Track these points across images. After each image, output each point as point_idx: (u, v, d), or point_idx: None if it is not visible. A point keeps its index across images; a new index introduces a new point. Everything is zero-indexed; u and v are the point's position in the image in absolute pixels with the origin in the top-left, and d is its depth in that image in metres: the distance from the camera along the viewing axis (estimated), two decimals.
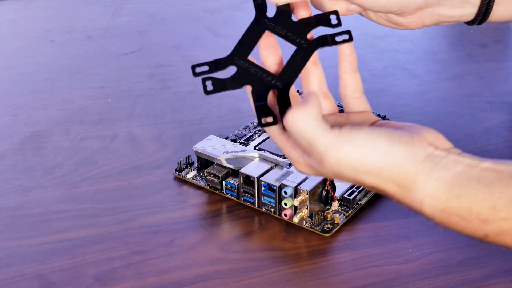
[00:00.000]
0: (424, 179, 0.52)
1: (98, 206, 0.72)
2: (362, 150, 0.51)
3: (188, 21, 1.14)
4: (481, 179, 0.51)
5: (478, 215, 0.50)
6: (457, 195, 0.51)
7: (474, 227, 0.51)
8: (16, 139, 0.83)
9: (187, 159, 0.77)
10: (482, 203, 0.50)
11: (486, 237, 0.52)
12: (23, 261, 0.65)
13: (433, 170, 0.52)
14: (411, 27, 0.64)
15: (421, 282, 0.62)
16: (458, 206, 0.51)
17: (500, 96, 0.92)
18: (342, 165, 0.52)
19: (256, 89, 0.56)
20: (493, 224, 0.50)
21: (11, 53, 1.05)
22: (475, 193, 0.50)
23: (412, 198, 0.52)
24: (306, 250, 0.66)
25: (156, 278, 0.63)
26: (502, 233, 0.50)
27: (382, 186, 0.53)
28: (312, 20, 0.58)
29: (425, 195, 0.52)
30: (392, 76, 0.97)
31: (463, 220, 0.51)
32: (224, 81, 0.56)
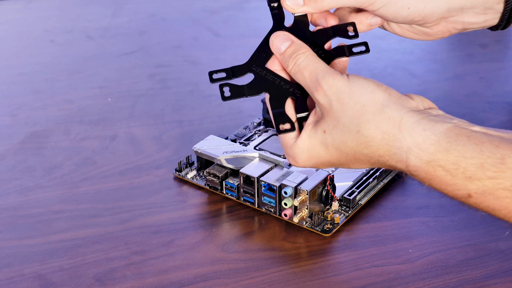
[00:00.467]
0: (410, 127, 0.52)
1: (98, 206, 0.72)
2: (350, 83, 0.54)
3: (188, 21, 1.14)
4: (471, 137, 0.51)
5: (465, 171, 0.50)
6: (446, 148, 0.51)
7: (458, 183, 0.51)
8: (16, 139, 0.83)
9: (187, 159, 0.77)
10: (470, 160, 0.50)
11: (469, 197, 0.51)
12: (23, 261, 0.65)
13: (421, 121, 0.52)
14: (438, 36, 0.64)
15: (421, 282, 0.62)
16: (445, 159, 0.51)
17: (500, 96, 0.92)
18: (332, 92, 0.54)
19: (273, 96, 0.57)
20: (478, 182, 0.50)
21: (11, 53, 1.05)
22: (464, 149, 0.51)
23: (398, 147, 0.52)
24: (306, 250, 0.66)
25: (156, 278, 0.63)
26: (486, 193, 0.50)
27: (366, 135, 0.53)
28: (329, 31, 0.59)
29: (412, 144, 0.52)
30: (392, 76, 0.97)
31: (448, 174, 0.51)
32: (241, 88, 0.58)
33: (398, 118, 0.53)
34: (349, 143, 0.54)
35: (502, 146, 0.50)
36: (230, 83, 0.58)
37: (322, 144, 0.55)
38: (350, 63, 0.62)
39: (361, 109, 0.53)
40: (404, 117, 0.53)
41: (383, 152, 0.53)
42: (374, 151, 0.53)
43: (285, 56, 0.57)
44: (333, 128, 0.54)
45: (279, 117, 0.57)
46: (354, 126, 0.53)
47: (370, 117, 0.53)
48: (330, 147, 0.55)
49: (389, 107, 0.53)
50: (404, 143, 0.52)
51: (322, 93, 0.54)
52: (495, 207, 0.51)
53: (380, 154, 0.53)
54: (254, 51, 0.59)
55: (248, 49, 1.10)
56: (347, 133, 0.54)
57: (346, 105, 0.54)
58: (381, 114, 0.53)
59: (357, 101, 0.54)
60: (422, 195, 0.73)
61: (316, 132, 0.55)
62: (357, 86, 0.54)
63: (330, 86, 0.54)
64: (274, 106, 0.57)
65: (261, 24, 1.15)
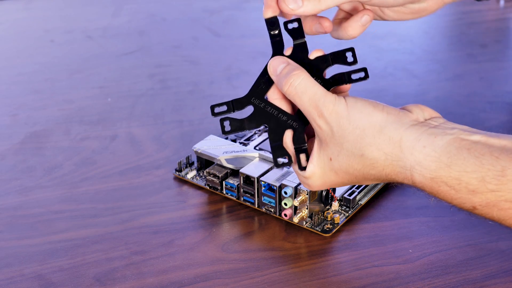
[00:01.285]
0: (411, 146, 0.53)
1: (98, 206, 0.72)
2: (349, 108, 0.55)
3: (188, 21, 1.14)
4: (472, 150, 0.51)
5: (467, 185, 0.51)
6: (447, 164, 0.51)
7: (462, 197, 0.52)
8: (16, 139, 0.83)
9: (187, 159, 0.77)
10: (471, 174, 0.51)
11: (474, 209, 0.52)
12: (23, 261, 0.65)
13: (420, 138, 0.53)
14: (434, 9, 0.64)
15: (421, 282, 0.62)
16: (447, 175, 0.51)
17: (501, 96, 0.92)
18: (333, 118, 0.55)
19: (272, 128, 0.58)
20: (481, 195, 0.51)
21: (11, 53, 1.05)
22: (465, 163, 0.51)
23: (401, 166, 0.53)
24: (306, 250, 0.66)
25: (156, 278, 0.63)
26: (490, 205, 0.51)
27: (370, 158, 0.54)
28: (328, 58, 0.59)
29: (414, 163, 0.52)
30: (392, 76, 0.97)
31: (452, 189, 0.52)
32: (241, 121, 0.59)
33: (397, 138, 0.53)
34: (355, 166, 0.55)
35: (502, 158, 0.50)
36: (230, 117, 0.59)
37: (332, 171, 0.57)
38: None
39: (361, 133, 0.54)
40: (403, 136, 0.53)
41: (389, 171, 0.54)
42: (380, 171, 0.55)
43: (280, 77, 0.58)
44: (338, 154, 0.55)
45: (277, 151, 0.58)
46: (357, 150, 0.54)
47: (371, 140, 0.54)
48: (339, 172, 0.57)
49: (387, 128, 0.54)
50: (407, 162, 0.53)
51: (324, 120, 0.55)
52: (500, 217, 0.51)
53: (387, 173, 0.55)
54: (254, 82, 0.60)
55: (248, 49, 1.11)
56: (352, 157, 0.55)
57: (347, 131, 0.55)
58: (381, 135, 0.54)
59: (356, 126, 0.54)
60: (422, 195, 0.72)
61: (324, 161, 0.57)
62: (355, 110, 0.55)
63: (330, 113, 0.55)
64: (273, 139, 0.58)
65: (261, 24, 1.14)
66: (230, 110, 0.60)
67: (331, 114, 0.55)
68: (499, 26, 1.13)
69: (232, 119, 0.59)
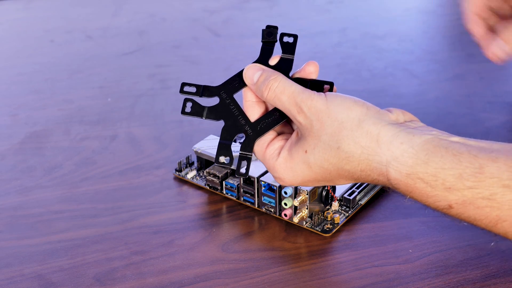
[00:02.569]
0: (388, 141, 0.53)
1: (98, 206, 0.72)
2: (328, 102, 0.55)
3: (188, 21, 1.14)
4: (450, 149, 0.51)
5: (444, 182, 0.51)
6: (424, 161, 0.51)
7: (438, 194, 0.51)
8: (16, 139, 0.83)
9: (187, 159, 0.77)
10: (449, 171, 0.50)
11: (450, 208, 0.51)
12: (23, 261, 0.65)
13: (399, 135, 0.53)
14: None
15: (421, 282, 0.62)
16: (424, 171, 0.51)
17: (501, 96, 0.92)
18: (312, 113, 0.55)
19: (227, 126, 0.59)
20: (458, 192, 0.50)
21: (11, 53, 1.05)
22: (442, 160, 0.51)
23: (377, 161, 0.53)
24: (306, 250, 0.66)
25: (156, 278, 0.63)
26: (466, 202, 0.50)
27: (346, 151, 0.54)
28: (307, 82, 0.59)
29: (391, 158, 0.52)
30: (392, 76, 0.97)
31: (428, 186, 0.51)
32: (202, 108, 0.59)
33: (375, 132, 0.53)
34: (331, 160, 0.55)
35: (480, 156, 0.50)
36: (194, 100, 0.60)
37: (305, 163, 0.56)
38: (351, 63, 0.62)
39: (339, 125, 0.54)
40: (381, 131, 0.53)
41: (364, 167, 0.54)
42: (355, 166, 0.54)
43: (258, 85, 0.58)
44: (314, 147, 0.55)
45: (223, 149, 0.59)
46: (334, 143, 0.54)
47: (348, 133, 0.54)
48: (313, 166, 0.56)
49: (366, 122, 0.54)
50: (383, 157, 0.53)
51: (303, 115, 0.55)
52: (476, 217, 0.51)
53: (361, 169, 0.54)
54: (230, 77, 0.60)
55: (248, 49, 1.11)
56: (328, 150, 0.55)
57: (325, 124, 0.54)
58: (359, 129, 0.54)
59: (335, 119, 0.54)
60: None
61: (298, 152, 0.56)
62: (334, 104, 0.55)
63: (309, 107, 0.55)
64: (223, 136, 0.59)
65: (261, 24, 1.15)
66: (197, 94, 0.60)
67: (310, 109, 0.55)
68: None
69: (195, 103, 0.60)
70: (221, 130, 0.59)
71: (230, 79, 0.60)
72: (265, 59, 0.60)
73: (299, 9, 1.20)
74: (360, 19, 1.15)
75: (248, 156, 0.58)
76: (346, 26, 1.12)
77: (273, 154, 0.58)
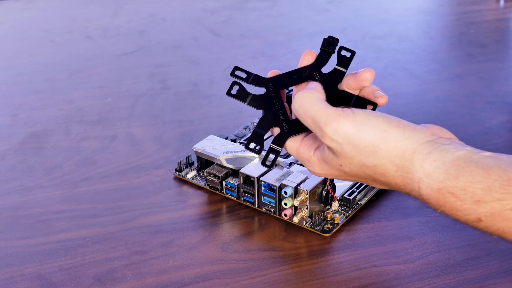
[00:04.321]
0: (422, 159, 0.53)
1: (98, 206, 0.72)
2: (358, 125, 0.54)
3: (188, 21, 1.14)
4: (480, 164, 0.52)
5: (473, 195, 0.51)
6: (454, 176, 0.52)
7: (468, 208, 0.52)
8: (16, 139, 0.83)
9: (187, 159, 0.77)
10: (478, 184, 0.51)
11: (479, 221, 0.52)
12: (23, 261, 0.65)
13: (432, 152, 0.53)
14: None
15: (421, 282, 0.62)
16: (454, 186, 0.52)
17: (500, 96, 0.92)
18: (340, 137, 0.54)
19: (265, 118, 0.59)
20: (486, 205, 0.51)
21: (11, 53, 1.05)
22: (472, 175, 0.51)
23: (410, 178, 0.54)
24: (306, 250, 0.66)
25: (156, 278, 0.63)
26: (495, 215, 0.51)
27: (382, 168, 0.54)
28: (351, 98, 0.60)
29: (423, 175, 0.53)
30: (392, 76, 0.97)
31: (458, 200, 0.52)
32: (247, 94, 0.60)
33: (411, 151, 0.54)
34: (367, 171, 0.56)
35: (509, 170, 0.50)
36: (241, 84, 0.61)
37: (341, 171, 0.57)
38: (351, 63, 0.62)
39: (375, 148, 0.54)
40: (417, 150, 0.54)
41: (399, 181, 0.55)
42: (390, 180, 0.55)
43: None
44: (349, 164, 0.56)
45: (256, 137, 0.59)
46: (370, 162, 0.55)
47: (385, 154, 0.54)
48: (349, 173, 0.57)
49: (402, 143, 0.54)
50: (415, 174, 0.53)
51: (329, 139, 0.55)
52: (505, 229, 0.51)
53: (396, 183, 0.55)
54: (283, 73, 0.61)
55: (248, 49, 1.11)
56: (364, 167, 0.56)
57: (359, 147, 0.55)
58: (395, 149, 0.54)
59: (369, 142, 0.54)
60: None
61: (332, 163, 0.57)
62: (366, 127, 0.54)
63: (335, 131, 0.55)
64: (260, 125, 0.59)
65: (261, 24, 1.15)
66: (246, 80, 0.61)
67: (336, 132, 0.55)
68: (499, 26, 1.13)
69: (242, 87, 0.60)
70: (259, 118, 0.60)
71: (282, 75, 0.61)
72: (319, 66, 0.61)
73: (299, 9, 1.20)
74: (360, 19, 1.15)
75: (278, 150, 0.59)
76: (346, 26, 1.12)
77: (308, 150, 0.59)
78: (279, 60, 1.01)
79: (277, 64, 1.00)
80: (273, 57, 1.02)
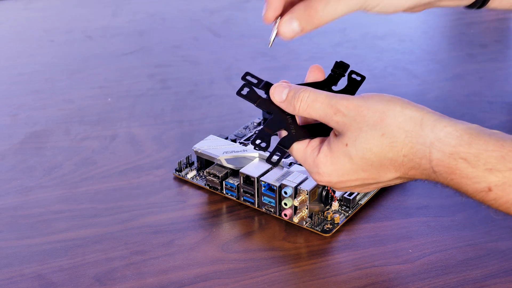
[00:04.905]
0: (432, 124, 0.54)
1: (98, 206, 0.72)
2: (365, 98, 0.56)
3: (188, 21, 1.14)
4: (493, 136, 0.52)
5: (486, 163, 0.51)
6: (467, 142, 0.52)
7: (479, 175, 0.52)
8: (16, 139, 0.83)
9: (187, 159, 0.77)
10: (491, 152, 0.51)
11: (489, 191, 0.52)
12: (23, 261, 0.65)
13: (441, 119, 0.54)
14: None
15: (421, 282, 0.62)
16: (466, 151, 0.52)
17: (500, 96, 0.92)
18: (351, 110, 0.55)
19: (273, 120, 0.60)
20: (499, 173, 0.51)
21: (11, 53, 1.05)
22: (485, 144, 0.52)
23: (421, 143, 0.54)
24: (306, 250, 0.66)
25: (156, 278, 0.63)
26: (506, 184, 0.51)
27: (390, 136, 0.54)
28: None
29: (435, 139, 0.53)
30: (392, 76, 0.97)
31: (470, 166, 0.52)
32: (257, 97, 0.61)
33: (419, 118, 0.54)
34: (373, 149, 0.55)
35: None
36: (252, 87, 0.61)
37: (346, 156, 0.56)
38: (351, 62, 0.63)
39: (382, 114, 0.55)
40: (425, 116, 0.54)
41: (406, 151, 0.54)
42: (398, 151, 0.54)
43: (289, 100, 0.59)
44: (356, 139, 0.56)
45: (263, 135, 0.60)
46: (377, 131, 0.55)
47: (391, 120, 0.54)
48: (354, 157, 0.56)
49: (408, 109, 0.55)
50: (427, 139, 0.53)
51: (341, 115, 0.56)
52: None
53: (404, 154, 0.54)
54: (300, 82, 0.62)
55: (248, 49, 1.11)
56: (371, 139, 0.55)
57: (367, 116, 0.55)
58: (402, 115, 0.54)
59: (376, 110, 0.55)
60: (422, 195, 0.73)
61: (338, 146, 0.57)
62: (373, 100, 0.56)
63: (346, 106, 0.56)
64: (267, 125, 0.60)
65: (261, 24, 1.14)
66: (257, 85, 0.62)
67: (347, 107, 0.56)
68: (499, 26, 1.13)
69: (252, 90, 0.61)
70: (268, 119, 0.60)
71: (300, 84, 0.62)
72: (329, 84, 0.63)
73: None
74: (360, 19, 1.15)
75: (284, 151, 0.60)
76: (346, 26, 1.11)
77: (314, 151, 0.59)
78: (279, 60, 1.01)
79: (277, 64, 1.00)
80: (273, 57, 1.02)
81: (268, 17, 0.59)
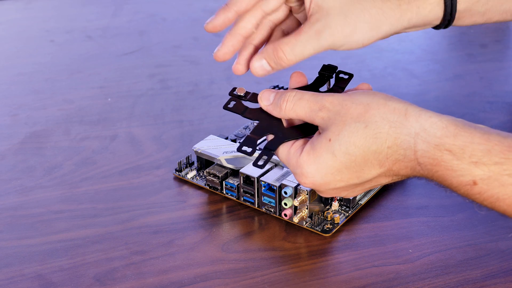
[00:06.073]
0: (417, 115, 0.53)
1: (98, 206, 0.72)
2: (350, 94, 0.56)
3: (188, 21, 1.14)
4: (478, 128, 0.52)
5: (471, 155, 0.50)
6: (453, 134, 0.51)
7: (464, 168, 0.51)
8: (16, 139, 0.83)
9: (187, 159, 0.77)
10: (477, 145, 0.51)
11: (474, 185, 0.51)
12: (23, 261, 0.65)
13: (426, 110, 0.54)
14: None
15: (421, 282, 0.62)
16: (452, 143, 0.51)
17: (500, 96, 0.92)
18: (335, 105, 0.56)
19: (261, 126, 0.61)
20: (484, 167, 0.50)
21: (11, 53, 1.05)
22: (471, 136, 0.51)
23: (405, 134, 0.53)
24: (306, 250, 0.66)
25: (156, 278, 0.63)
26: (492, 178, 0.50)
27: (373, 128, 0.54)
28: None
29: (420, 129, 0.52)
30: (392, 76, 0.97)
31: (455, 158, 0.51)
32: (244, 108, 0.62)
33: (403, 108, 0.54)
34: (357, 142, 0.54)
35: (510, 138, 0.50)
36: (238, 100, 0.62)
37: (329, 152, 0.55)
38: (351, 62, 0.63)
39: (365, 106, 0.55)
40: (409, 107, 0.54)
41: (391, 143, 0.53)
42: (382, 143, 0.54)
43: (275, 101, 0.59)
44: (339, 133, 0.55)
45: (249, 141, 0.60)
46: (361, 123, 0.54)
47: (375, 111, 0.54)
48: (337, 153, 0.55)
49: (392, 101, 0.55)
50: (411, 129, 0.53)
51: (326, 110, 0.56)
52: (499, 195, 0.50)
53: (388, 145, 0.53)
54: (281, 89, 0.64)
55: None
56: (354, 132, 0.54)
57: (351, 108, 0.55)
58: (386, 107, 0.54)
59: (359, 103, 0.55)
60: (422, 195, 0.73)
61: (321, 142, 0.56)
62: (357, 94, 0.56)
63: (331, 101, 0.56)
64: (254, 132, 0.61)
65: None
66: (244, 98, 0.63)
67: (332, 102, 0.56)
68: (499, 26, 1.13)
69: (239, 102, 0.62)
70: (254, 125, 0.62)
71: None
72: (315, 86, 0.63)
73: None
74: None
75: (271, 153, 0.60)
76: None
77: (297, 151, 0.58)
78: None
79: None
80: None
81: (218, 55, 0.63)
